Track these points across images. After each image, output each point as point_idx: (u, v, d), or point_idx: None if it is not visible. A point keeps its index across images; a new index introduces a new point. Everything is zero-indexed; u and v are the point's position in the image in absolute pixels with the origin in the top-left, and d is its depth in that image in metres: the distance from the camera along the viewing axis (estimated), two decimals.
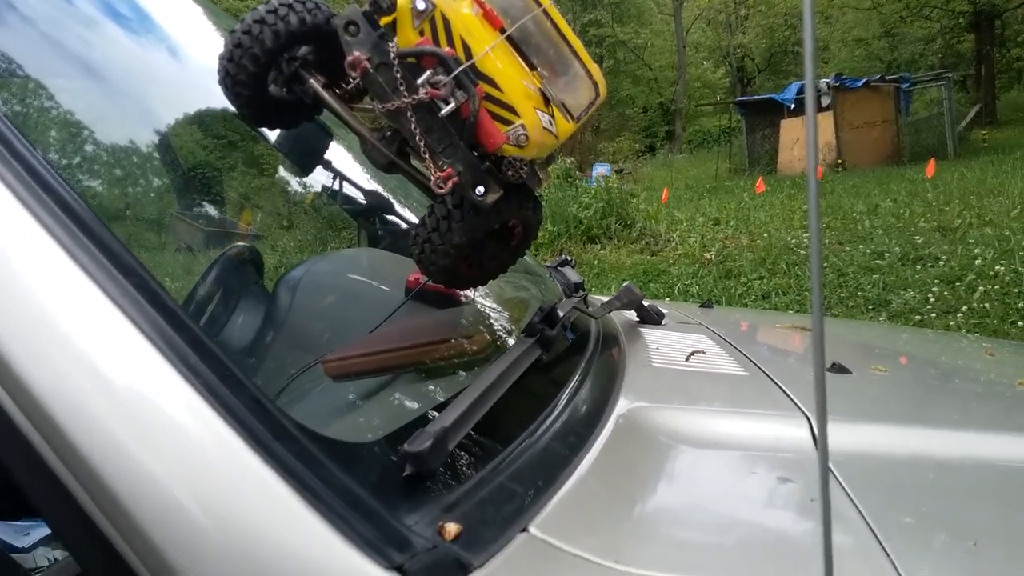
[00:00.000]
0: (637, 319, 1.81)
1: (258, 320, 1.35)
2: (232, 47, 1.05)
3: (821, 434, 0.59)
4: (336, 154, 1.76)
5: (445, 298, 1.37)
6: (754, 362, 1.49)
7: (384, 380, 1.14)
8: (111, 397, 0.68)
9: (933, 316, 5.86)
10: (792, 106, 18.86)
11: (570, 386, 1.19)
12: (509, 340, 1.36)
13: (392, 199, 1.87)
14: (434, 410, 0.94)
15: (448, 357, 1.25)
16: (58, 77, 1.31)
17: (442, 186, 0.96)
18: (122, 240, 0.76)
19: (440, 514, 0.76)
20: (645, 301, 1.80)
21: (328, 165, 1.75)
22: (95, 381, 0.68)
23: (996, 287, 6.12)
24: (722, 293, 7.24)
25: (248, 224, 1.78)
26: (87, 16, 1.45)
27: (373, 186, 1.83)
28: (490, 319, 1.48)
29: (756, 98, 23.54)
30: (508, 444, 0.96)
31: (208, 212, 1.75)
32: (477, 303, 1.46)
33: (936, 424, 1.26)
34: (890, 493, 0.98)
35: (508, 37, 0.98)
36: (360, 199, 1.83)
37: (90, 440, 0.66)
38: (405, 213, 1.86)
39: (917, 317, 5.91)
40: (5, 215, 0.72)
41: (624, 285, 1.73)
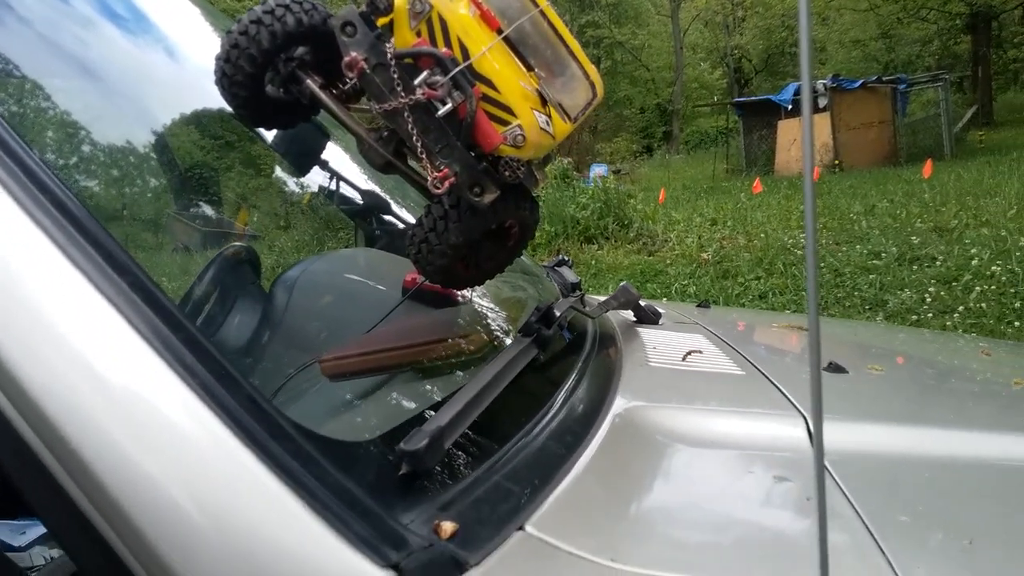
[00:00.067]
0: (634, 319, 1.82)
1: (255, 320, 1.35)
2: (229, 48, 1.05)
3: (817, 433, 0.59)
4: (333, 154, 1.76)
5: (442, 298, 1.37)
6: (751, 362, 1.49)
7: (381, 379, 1.14)
8: (107, 396, 0.68)
9: (930, 316, 5.87)
10: (789, 107, 18.89)
11: (567, 385, 1.19)
12: (506, 340, 1.36)
13: (389, 199, 1.87)
14: (430, 409, 0.94)
15: (445, 356, 1.25)
16: (54, 77, 1.31)
17: (439, 186, 0.96)
18: (119, 240, 0.76)
19: (436, 513, 0.76)
20: (642, 301, 1.80)
21: (325, 165, 1.75)
22: (91, 380, 0.68)
23: (992, 287, 6.13)
24: (719, 293, 7.24)
25: (245, 224, 1.78)
26: (83, 16, 1.45)
27: (370, 186, 1.83)
28: (487, 319, 1.48)
29: (753, 99, 23.57)
30: (504, 443, 0.96)
31: (205, 212, 1.75)
32: (474, 303, 1.46)
33: (932, 423, 1.26)
34: (886, 492, 0.99)
35: (505, 38, 0.98)
36: (357, 199, 1.83)
37: (86, 439, 0.66)
38: (402, 213, 1.86)
39: (914, 317, 5.92)
40: (1, 215, 0.72)
41: (621, 285, 1.73)
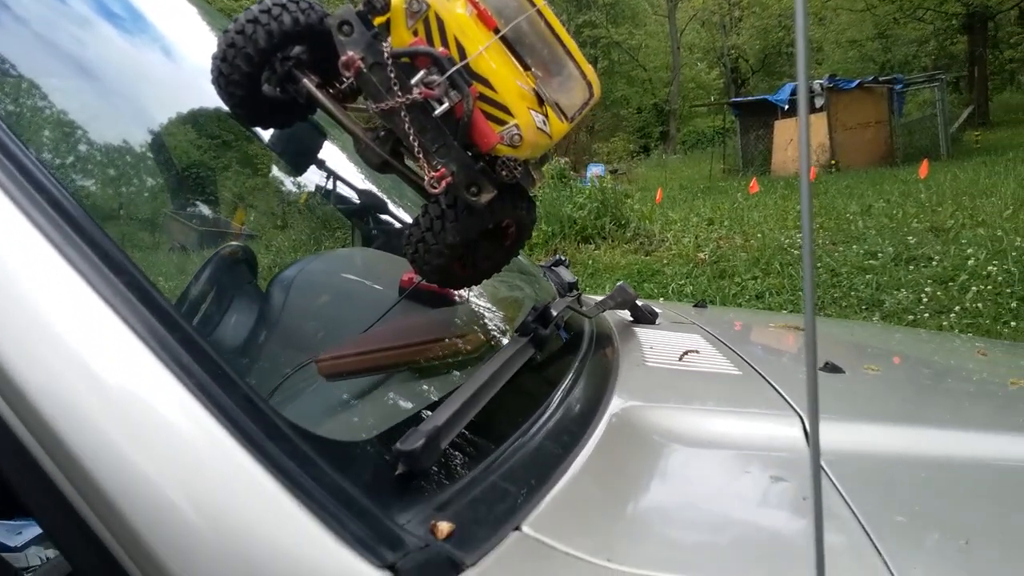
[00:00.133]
0: (631, 319, 1.82)
1: (251, 320, 1.35)
2: (226, 47, 1.05)
3: (813, 433, 0.59)
4: (330, 154, 1.76)
5: (439, 298, 1.37)
6: (748, 362, 1.49)
7: (377, 379, 1.14)
8: (103, 396, 0.67)
9: (926, 316, 5.88)
10: (786, 107, 18.91)
11: (563, 385, 1.19)
12: (503, 339, 1.36)
13: (386, 199, 1.87)
14: (427, 409, 0.94)
15: (441, 356, 1.25)
16: (50, 76, 1.30)
17: (436, 186, 0.96)
18: (115, 239, 0.76)
19: (432, 513, 0.76)
20: (639, 301, 1.80)
21: (322, 165, 1.75)
22: (87, 380, 0.68)
23: (989, 287, 6.14)
24: (716, 293, 7.25)
25: (242, 224, 1.77)
26: (80, 15, 1.45)
27: (367, 186, 1.83)
28: (484, 318, 1.48)
29: (750, 99, 23.60)
30: (501, 443, 0.96)
31: (201, 211, 1.75)
32: (471, 303, 1.46)
33: (929, 423, 1.27)
34: (883, 492, 0.99)
35: (502, 37, 0.97)
36: (354, 199, 1.82)
37: (82, 439, 0.66)
38: (399, 213, 1.85)
39: (910, 317, 5.93)
40: None
41: (618, 285, 1.73)
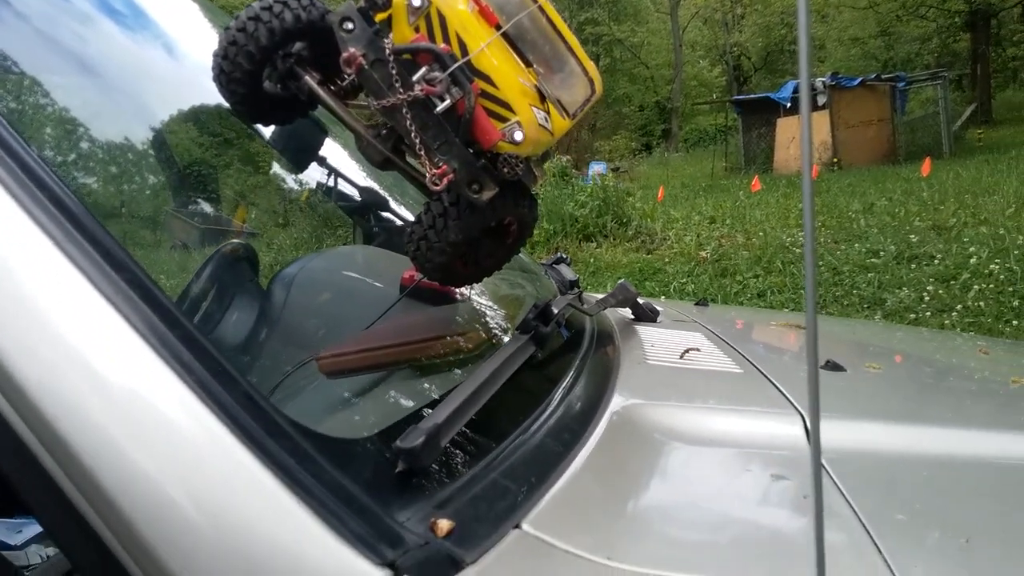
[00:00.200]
0: (632, 317, 1.81)
1: (252, 317, 1.35)
2: (227, 44, 1.05)
3: (814, 431, 0.59)
4: (331, 151, 1.76)
5: (440, 295, 1.36)
6: (749, 360, 1.49)
7: (378, 377, 1.14)
8: (104, 394, 0.67)
9: (928, 315, 5.88)
10: (788, 105, 18.87)
11: (564, 383, 1.19)
12: (504, 337, 1.36)
13: (387, 196, 1.86)
14: (427, 407, 0.94)
15: (443, 354, 1.25)
16: (52, 73, 1.30)
17: (438, 183, 0.96)
18: (116, 237, 0.76)
19: (432, 510, 0.76)
20: (640, 299, 1.80)
21: (323, 162, 1.75)
22: (88, 378, 0.68)
23: (991, 286, 6.14)
24: (718, 291, 7.25)
25: (243, 221, 1.77)
26: (81, 12, 1.45)
27: (368, 183, 1.83)
28: (485, 316, 1.48)
29: (752, 97, 23.54)
30: (502, 441, 0.95)
31: (203, 209, 1.74)
32: (472, 300, 1.46)
33: (930, 422, 1.26)
34: (884, 490, 0.99)
35: (504, 34, 0.97)
36: (355, 196, 1.82)
37: (82, 437, 0.66)
38: (400, 210, 1.85)
39: (912, 316, 5.92)
40: None
41: (619, 283, 1.73)
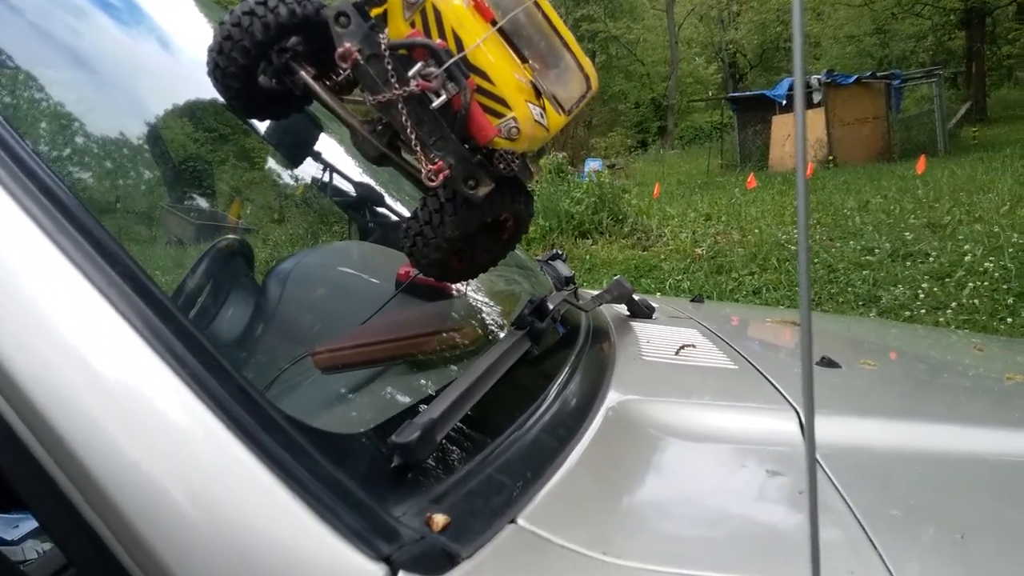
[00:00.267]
0: (627, 313, 1.82)
1: (248, 312, 1.34)
2: (222, 39, 1.05)
3: (809, 427, 0.59)
4: (327, 146, 1.76)
5: (436, 291, 1.37)
6: (744, 356, 1.49)
7: (373, 372, 1.14)
8: (99, 389, 0.67)
9: (923, 312, 5.89)
10: (784, 102, 18.89)
11: (560, 379, 1.19)
12: (499, 333, 1.36)
13: (383, 192, 1.86)
14: (423, 402, 0.94)
15: (438, 349, 1.25)
16: (46, 68, 1.30)
17: (433, 179, 0.96)
18: (111, 232, 0.75)
19: (428, 505, 0.76)
20: (636, 295, 1.80)
21: (319, 157, 1.75)
22: (83, 372, 0.67)
23: (985, 283, 6.15)
24: (713, 288, 7.26)
25: (238, 216, 1.77)
26: (76, 7, 1.44)
27: (364, 179, 1.82)
28: (480, 312, 1.48)
29: (748, 94, 23.57)
30: (497, 436, 0.96)
31: (198, 204, 1.74)
32: (468, 296, 1.46)
33: (925, 418, 1.27)
34: (878, 486, 0.99)
35: (500, 29, 0.97)
36: (351, 192, 1.82)
37: (77, 432, 0.66)
38: (396, 206, 1.85)
39: (907, 313, 5.94)
40: None
41: (615, 279, 1.73)
